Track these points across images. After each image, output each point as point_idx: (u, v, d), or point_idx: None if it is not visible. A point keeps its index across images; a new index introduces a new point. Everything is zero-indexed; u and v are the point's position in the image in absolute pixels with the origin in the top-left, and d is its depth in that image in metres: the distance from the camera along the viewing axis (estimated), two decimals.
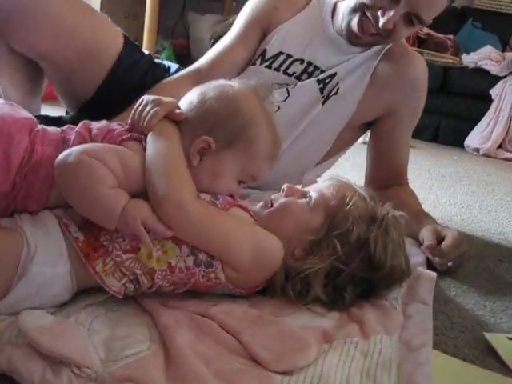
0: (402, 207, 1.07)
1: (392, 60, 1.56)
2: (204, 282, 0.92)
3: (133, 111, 0.99)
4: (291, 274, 0.97)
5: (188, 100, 1.00)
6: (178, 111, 0.98)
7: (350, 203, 0.99)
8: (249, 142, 0.97)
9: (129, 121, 0.99)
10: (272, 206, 1.03)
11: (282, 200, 1.03)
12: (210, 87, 1.01)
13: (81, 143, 0.91)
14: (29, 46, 1.36)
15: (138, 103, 1.00)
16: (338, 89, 1.53)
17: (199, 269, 0.91)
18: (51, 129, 0.97)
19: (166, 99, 0.99)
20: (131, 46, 1.54)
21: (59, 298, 0.87)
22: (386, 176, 1.64)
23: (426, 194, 2.25)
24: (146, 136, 0.95)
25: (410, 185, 1.71)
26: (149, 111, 0.97)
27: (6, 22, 1.31)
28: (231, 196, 1.00)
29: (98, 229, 0.88)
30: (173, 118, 0.97)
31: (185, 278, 0.92)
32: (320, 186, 1.05)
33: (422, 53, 3.89)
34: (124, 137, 0.94)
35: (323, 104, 1.54)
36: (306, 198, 1.03)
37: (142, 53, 1.58)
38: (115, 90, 1.46)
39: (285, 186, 1.06)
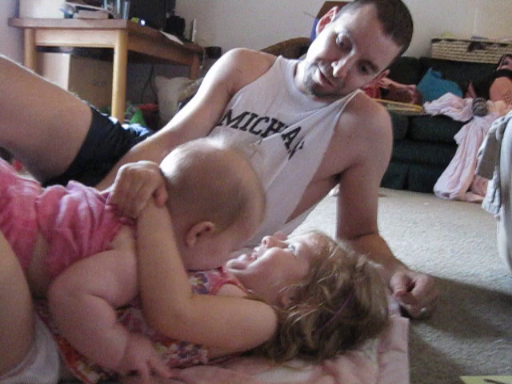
0: (373, 256, 1.08)
1: (354, 111, 1.60)
2: (184, 364, 0.91)
3: (116, 189, 0.90)
4: (281, 324, 0.96)
5: (176, 169, 0.92)
6: (162, 195, 0.90)
7: (333, 252, 1.02)
8: (247, 216, 0.93)
9: (112, 199, 0.90)
10: (255, 258, 1.04)
11: (269, 251, 1.04)
12: (198, 156, 0.93)
13: (70, 222, 0.85)
14: None
15: (120, 178, 0.91)
16: (303, 142, 1.56)
17: (184, 359, 0.91)
18: (28, 191, 0.89)
19: (150, 172, 0.92)
20: (99, 119, 1.55)
21: None
22: (357, 225, 1.65)
23: (398, 241, 2.26)
24: (134, 219, 0.89)
25: (382, 233, 1.72)
26: (136, 192, 0.89)
27: None
28: (219, 269, 0.98)
29: None
30: (157, 203, 0.90)
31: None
32: (301, 237, 1.07)
33: (385, 104, 3.99)
34: (119, 224, 0.87)
35: (290, 158, 1.56)
36: (288, 247, 1.05)
37: (111, 123, 1.59)
38: (86, 165, 1.47)
39: (266, 238, 1.08)
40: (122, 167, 0.93)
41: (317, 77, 1.50)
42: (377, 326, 1.03)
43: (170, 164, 0.93)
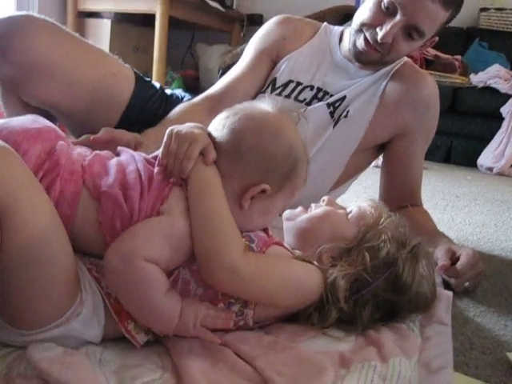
0: (416, 227, 1.07)
1: (400, 79, 1.57)
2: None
3: (163, 150, 0.91)
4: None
5: (228, 132, 0.92)
6: (210, 154, 0.90)
7: (385, 222, 1.00)
8: (296, 178, 0.95)
9: (161, 160, 0.91)
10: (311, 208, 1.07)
11: (322, 208, 1.06)
12: (250, 118, 0.92)
13: (120, 184, 0.86)
14: (39, 99, 1.38)
15: (167, 138, 0.92)
16: (347, 111, 1.54)
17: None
18: (78, 152, 0.92)
19: (197, 132, 0.92)
20: (142, 83, 1.56)
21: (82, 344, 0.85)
22: (400, 197, 1.62)
23: (440, 214, 2.22)
24: (184, 179, 0.90)
25: (424, 205, 1.69)
26: (182, 152, 0.89)
27: (18, 77, 1.33)
28: (265, 230, 0.99)
29: None
30: (206, 162, 0.90)
31: None
32: (360, 203, 1.07)
33: (430, 74, 3.89)
34: (170, 185, 0.88)
35: (334, 127, 1.55)
36: (345, 209, 1.06)
37: (154, 87, 1.60)
38: (130, 129, 1.48)
39: (325, 198, 1.09)
40: (169, 129, 0.93)
41: (361, 43, 1.47)
42: (420, 305, 1.01)
43: (219, 127, 0.93)
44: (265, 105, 0.96)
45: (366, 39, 1.46)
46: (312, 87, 1.58)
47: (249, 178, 0.90)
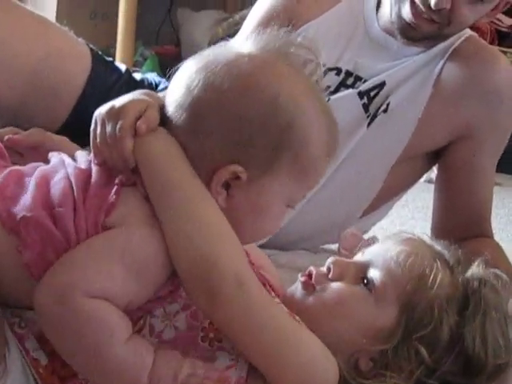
0: None
1: (463, 62, 1.58)
2: None
3: (91, 140, 0.91)
4: None
5: (184, 92, 0.87)
6: (145, 118, 0.87)
7: (436, 283, 0.96)
8: (299, 148, 0.88)
9: (95, 156, 0.91)
10: (313, 289, 0.99)
11: (331, 288, 0.99)
12: (217, 68, 0.86)
13: (43, 202, 0.85)
14: None
15: (92, 125, 0.91)
16: (388, 104, 1.55)
17: None
18: None
19: (128, 99, 0.91)
20: (102, 64, 1.56)
21: None
22: (462, 225, 1.62)
23: None
24: (134, 171, 0.87)
25: (495, 237, 1.70)
26: (112, 132, 0.87)
27: None
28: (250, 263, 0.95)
29: None
30: (138, 131, 0.86)
31: None
32: (383, 256, 1.01)
33: (505, 52, 3.91)
34: (116, 188, 0.86)
35: (369, 125, 1.55)
36: (363, 280, 0.99)
37: (118, 70, 1.60)
38: (84, 129, 1.48)
39: (330, 262, 1.01)
40: (96, 112, 0.92)
41: (408, 12, 1.47)
42: (493, 376, 0.99)
43: (175, 86, 0.90)
44: (246, 43, 0.92)
45: (414, 5, 1.45)
46: (339, 70, 1.59)
47: (214, 158, 0.86)
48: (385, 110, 1.55)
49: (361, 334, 0.95)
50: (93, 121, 0.92)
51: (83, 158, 0.94)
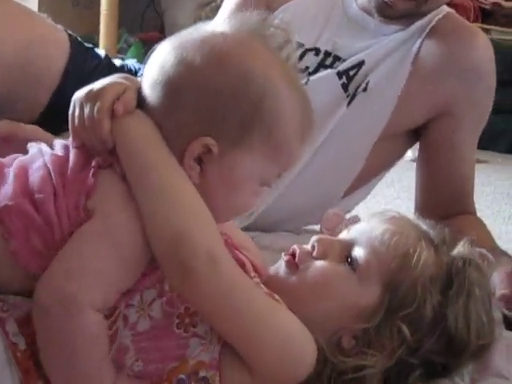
0: None
1: (441, 39, 1.58)
2: None
3: (70, 124, 0.91)
4: (335, 373, 0.93)
5: (157, 71, 0.89)
6: (125, 99, 0.88)
7: (420, 263, 0.95)
8: (270, 124, 0.88)
9: (72, 140, 0.91)
10: (296, 268, 0.98)
11: (315, 267, 0.98)
12: (189, 45, 0.88)
13: (23, 191, 0.86)
14: None
15: (71, 109, 0.92)
16: (367, 83, 1.55)
17: None
18: None
19: (103, 84, 0.91)
20: (81, 51, 1.56)
21: None
22: (445, 203, 1.62)
23: (503, 225, 2.23)
24: (111, 152, 0.87)
25: (479, 213, 1.70)
26: (90, 114, 0.88)
27: None
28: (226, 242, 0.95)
29: None
30: (115, 112, 0.86)
31: None
32: (368, 235, 1.00)
33: (487, 30, 3.91)
34: (93, 170, 0.86)
35: (349, 105, 1.55)
36: (347, 259, 0.98)
37: (97, 57, 1.60)
38: (63, 115, 1.48)
39: (314, 241, 1.00)
40: (74, 96, 0.93)
41: None
42: (476, 355, 1.00)
43: (150, 66, 0.91)
44: (221, 24, 0.93)
45: None
46: (318, 50, 1.59)
47: (186, 133, 0.86)
48: (364, 89, 1.55)
49: (343, 312, 0.95)
50: (71, 104, 0.92)
51: (60, 145, 0.94)
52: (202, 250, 0.82)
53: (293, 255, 0.99)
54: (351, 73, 1.56)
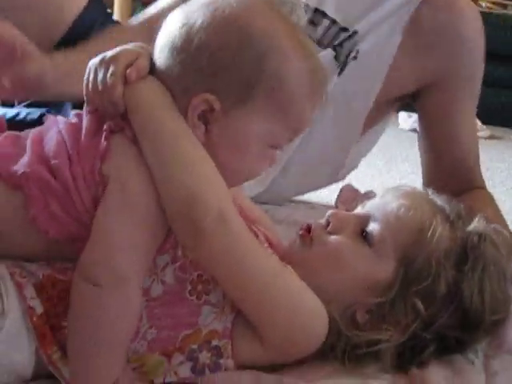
0: None
1: (433, 10, 1.56)
2: None
3: (84, 89, 0.92)
4: (349, 346, 0.94)
5: (165, 35, 0.90)
6: (136, 65, 0.89)
7: (435, 238, 0.95)
8: (274, 83, 0.87)
9: (88, 106, 0.93)
10: (310, 242, 0.99)
11: (329, 241, 0.98)
12: (195, 9, 0.89)
13: (39, 158, 0.88)
14: None
15: (86, 74, 0.92)
16: (357, 51, 1.53)
17: (202, 377, 0.89)
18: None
19: (118, 50, 0.92)
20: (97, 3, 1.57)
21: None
22: (448, 177, 1.59)
23: None
24: (123, 117, 0.88)
25: (493, 190, 1.68)
26: (103, 79, 0.89)
27: None
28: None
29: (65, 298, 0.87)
30: (128, 77, 0.87)
31: None
32: (383, 210, 1.00)
33: (505, 5, 3.88)
34: (105, 134, 0.87)
35: (340, 74, 1.54)
36: (362, 233, 0.98)
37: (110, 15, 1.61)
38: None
39: (329, 215, 1.01)
40: (89, 62, 0.94)
41: None
42: (490, 330, 1.01)
43: (161, 33, 0.92)
44: None
45: None
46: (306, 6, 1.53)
47: (190, 91, 0.87)
48: (354, 57, 1.53)
49: (358, 286, 0.95)
50: (86, 70, 0.93)
51: (74, 113, 0.96)
52: (214, 210, 0.83)
53: (307, 230, 0.99)
54: (343, 42, 1.54)
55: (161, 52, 0.90)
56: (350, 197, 1.08)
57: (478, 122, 3.07)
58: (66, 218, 0.86)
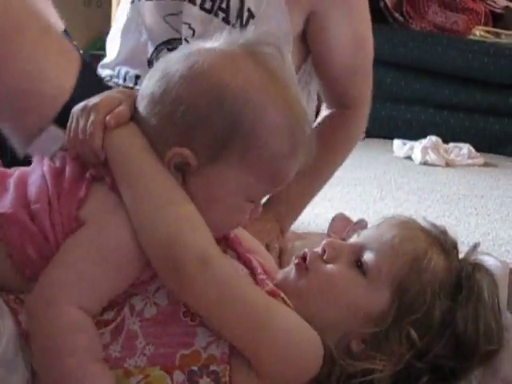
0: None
1: None
2: None
3: (66, 136, 0.94)
4: (344, 375, 0.93)
5: (147, 86, 0.91)
6: (119, 113, 0.90)
7: (429, 268, 0.95)
8: (248, 142, 0.87)
9: (69, 152, 0.94)
10: (306, 271, 0.98)
11: (324, 270, 0.98)
12: (176, 60, 0.90)
13: (22, 201, 0.88)
14: None
15: (68, 122, 0.94)
16: (248, 9, 1.48)
17: None
18: None
19: (100, 98, 0.93)
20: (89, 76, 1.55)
21: None
22: (333, 98, 1.65)
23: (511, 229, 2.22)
24: (104, 164, 0.89)
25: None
26: (83, 127, 0.90)
27: None
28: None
29: None
30: (108, 125, 0.89)
31: None
32: (378, 240, 0.99)
33: (499, 34, 3.91)
34: (85, 182, 0.88)
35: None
36: (357, 263, 0.98)
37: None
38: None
39: (325, 244, 1.00)
40: (72, 109, 0.95)
41: None
42: (484, 360, 1.00)
43: (144, 81, 0.93)
44: (213, 41, 0.92)
45: None
46: None
47: (169, 144, 0.87)
48: (251, 16, 1.48)
49: (353, 316, 0.95)
50: (70, 117, 0.95)
51: (59, 155, 0.96)
52: (195, 252, 0.83)
53: (303, 258, 0.99)
54: (224, 5, 1.48)
55: (142, 100, 0.91)
56: (343, 226, 1.08)
57: (472, 150, 3.10)
58: (40, 262, 0.85)
